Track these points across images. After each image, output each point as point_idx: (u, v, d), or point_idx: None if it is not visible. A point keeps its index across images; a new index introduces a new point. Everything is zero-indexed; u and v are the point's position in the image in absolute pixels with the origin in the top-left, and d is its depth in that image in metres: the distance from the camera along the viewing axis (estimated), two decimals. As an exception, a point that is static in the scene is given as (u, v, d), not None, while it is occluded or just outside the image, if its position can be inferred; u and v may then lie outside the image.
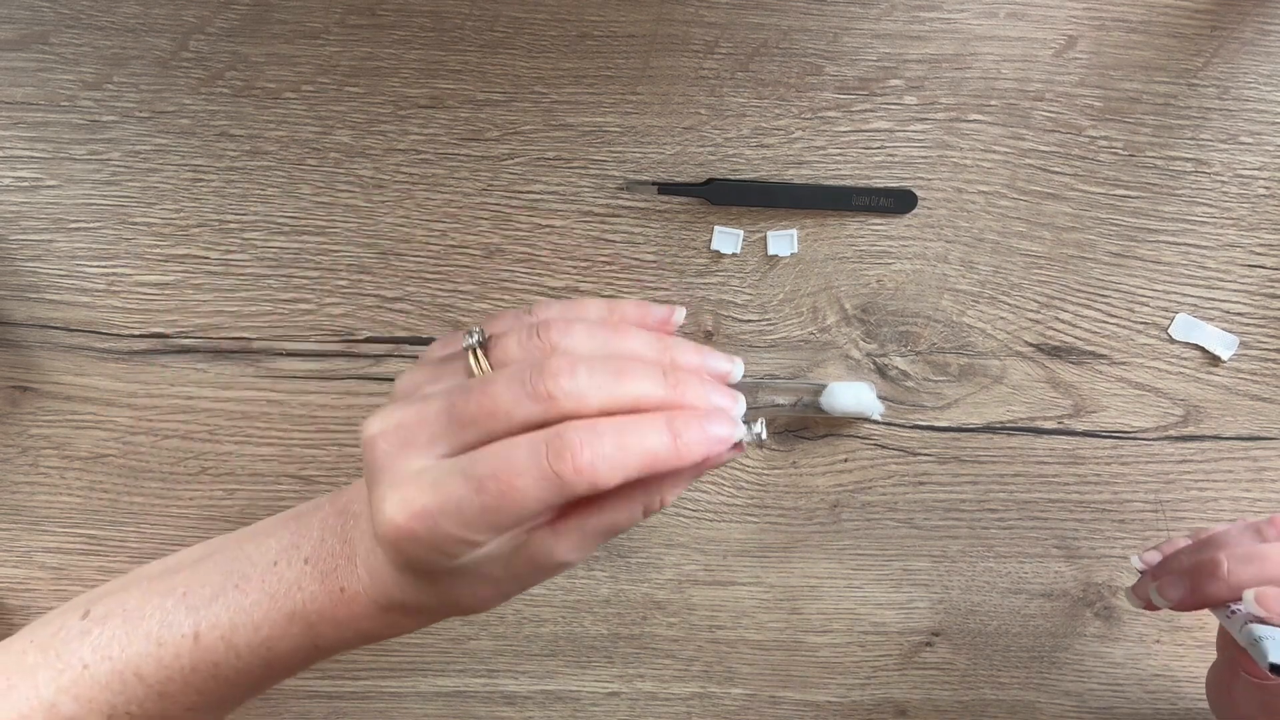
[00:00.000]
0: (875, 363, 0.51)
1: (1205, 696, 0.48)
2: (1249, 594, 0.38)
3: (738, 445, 0.32)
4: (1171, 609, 0.42)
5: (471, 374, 0.33)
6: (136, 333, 0.49)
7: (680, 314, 0.36)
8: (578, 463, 0.29)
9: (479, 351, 0.33)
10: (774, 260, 0.49)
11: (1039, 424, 0.52)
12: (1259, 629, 0.37)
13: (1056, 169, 0.49)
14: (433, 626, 0.45)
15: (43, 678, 0.35)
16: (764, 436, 0.33)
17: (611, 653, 0.54)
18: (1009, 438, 0.52)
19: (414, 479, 0.30)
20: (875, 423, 0.51)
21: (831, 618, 0.54)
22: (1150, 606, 0.43)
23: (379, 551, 0.33)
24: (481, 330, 0.33)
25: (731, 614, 0.54)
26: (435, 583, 0.32)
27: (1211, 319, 0.50)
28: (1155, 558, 0.45)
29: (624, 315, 0.36)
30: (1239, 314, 0.50)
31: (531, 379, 0.30)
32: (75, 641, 0.35)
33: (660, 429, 0.30)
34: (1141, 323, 0.50)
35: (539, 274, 0.49)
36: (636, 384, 0.31)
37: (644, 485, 0.31)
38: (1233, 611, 0.39)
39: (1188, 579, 0.41)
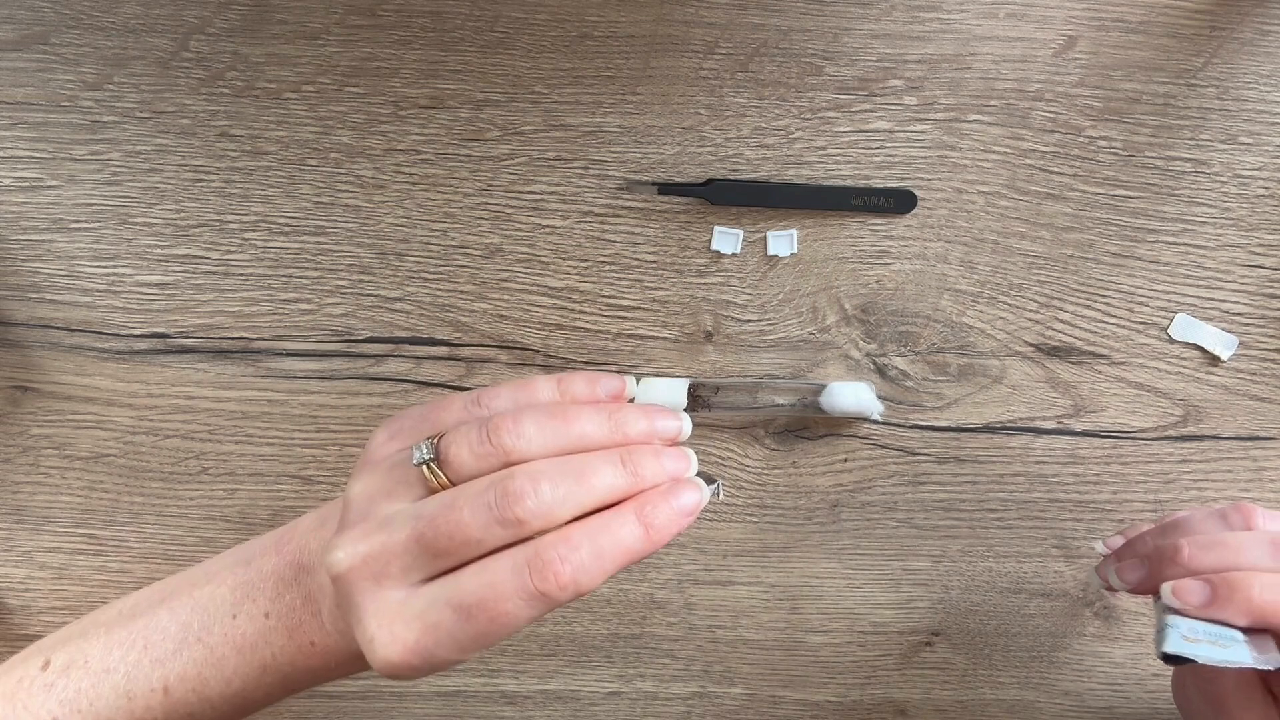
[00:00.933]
0: (875, 363, 0.51)
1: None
2: (1166, 586, 0.37)
3: None
4: (1129, 593, 0.42)
5: (428, 485, 0.33)
6: (137, 333, 0.49)
7: (631, 385, 0.37)
8: (560, 580, 0.30)
9: (433, 465, 0.33)
10: (774, 260, 0.49)
11: (1038, 424, 0.52)
12: (1170, 618, 0.37)
13: (1056, 169, 0.49)
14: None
15: None
16: (720, 495, 0.34)
17: (611, 653, 0.54)
18: (1008, 438, 0.52)
19: (399, 612, 0.31)
20: (875, 423, 0.51)
21: (831, 617, 0.54)
22: (1111, 588, 0.43)
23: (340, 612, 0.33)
24: (431, 443, 0.33)
25: (731, 614, 0.54)
26: None
27: (1211, 319, 0.50)
28: (1118, 542, 0.45)
29: (574, 394, 0.36)
30: (1238, 314, 0.50)
31: (498, 505, 0.30)
32: (41, 694, 0.35)
33: (631, 522, 0.31)
34: (1141, 323, 0.50)
35: (539, 274, 0.49)
36: (598, 479, 0.32)
37: None
38: (1159, 599, 0.39)
39: (1148, 563, 0.40)
